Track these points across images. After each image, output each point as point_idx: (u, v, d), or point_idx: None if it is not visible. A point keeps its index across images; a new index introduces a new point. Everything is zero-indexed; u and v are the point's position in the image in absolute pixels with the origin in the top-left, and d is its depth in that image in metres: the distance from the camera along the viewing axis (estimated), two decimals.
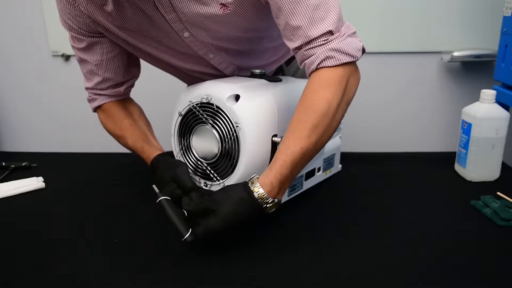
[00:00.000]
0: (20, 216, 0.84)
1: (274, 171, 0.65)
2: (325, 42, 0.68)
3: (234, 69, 0.90)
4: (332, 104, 0.67)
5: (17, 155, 1.21)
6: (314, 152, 0.68)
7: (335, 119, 0.68)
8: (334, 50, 0.67)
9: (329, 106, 0.67)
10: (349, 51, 0.68)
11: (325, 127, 0.67)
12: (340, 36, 0.68)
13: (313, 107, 0.67)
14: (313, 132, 0.66)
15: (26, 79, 1.66)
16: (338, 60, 0.67)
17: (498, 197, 0.85)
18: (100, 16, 0.77)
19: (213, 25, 0.76)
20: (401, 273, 0.64)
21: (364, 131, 1.57)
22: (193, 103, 0.76)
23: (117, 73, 0.88)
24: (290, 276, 0.64)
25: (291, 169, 0.66)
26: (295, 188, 0.84)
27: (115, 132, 0.90)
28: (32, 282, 0.64)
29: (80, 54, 0.86)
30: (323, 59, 0.68)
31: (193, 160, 0.78)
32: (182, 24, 0.75)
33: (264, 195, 0.64)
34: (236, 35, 0.79)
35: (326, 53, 0.67)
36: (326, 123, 0.67)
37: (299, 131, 0.66)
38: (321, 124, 0.66)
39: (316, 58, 0.68)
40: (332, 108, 0.67)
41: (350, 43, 0.68)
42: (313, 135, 0.66)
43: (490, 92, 0.92)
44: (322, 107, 0.66)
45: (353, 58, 0.68)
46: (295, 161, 0.65)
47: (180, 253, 0.70)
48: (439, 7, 1.43)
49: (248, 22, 0.77)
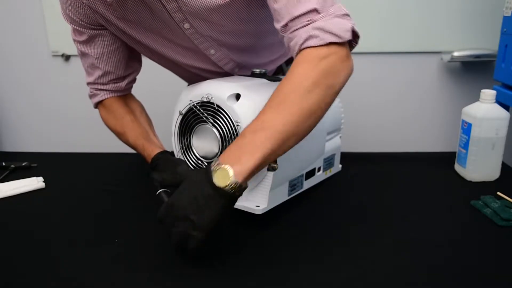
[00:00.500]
0: (20, 216, 0.84)
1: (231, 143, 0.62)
2: (309, 22, 0.63)
3: (234, 66, 0.90)
4: (305, 81, 0.61)
5: (17, 155, 1.21)
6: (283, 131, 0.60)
7: (308, 98, 0.60)
8: (318, 28, 0.62)
9: (299, 82, 0.61)
10: (335, 30, 0.62)
11: (293, 104, 0.60)
12: (326, 15, 0.63)
13: (283, 83, 0.62)
14: (277, 107, 0.61)
15: (26, 79, 1.67)
16: (321, 40, 0.62)
17: (498, 197, 0.85)
18: (101, 7, 0.77)
19: (214, 16, 0.75)
20: (401, 273, 0.64)
21: (364, 131, 1.57)
22: (194, 102, 0.76)
23: (118, 67, 0.88)
24: (290, 276, 0.64)
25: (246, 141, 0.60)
26: (295, 188, 0.84)
27: (115, 128, 0.90)
28: (32, 282, 0.63)
29: (81, 47, 0.86)
30: (306, 39, 0.63)
31: (193, 159, 0.79)
32: (183, 14, 0.75)
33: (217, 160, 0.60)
34: (237, 27, 0.79)
35: (309, 32, 0.63)
36: (295, 100, 0.60)
37: (265, 106, 0.62)
38: (288, 100, 0.60)
39: (299, 39, 0.64)
40: (304, 85, 0.60)
41: (337, 23, 0.63)
42: (276, 109, 0.60)
43: (490, 92, 0.93)
44: (293, 82, 0.61)
45: (340, 39, 0.63)
46: (251, 132, 0.60)
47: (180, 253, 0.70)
48: (439, 7, 1.44)
49: (248, 13, 0.76)
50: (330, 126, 0.93)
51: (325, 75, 0.62)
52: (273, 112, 0.61)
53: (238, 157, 0.59)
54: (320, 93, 0.62)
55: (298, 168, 0.83)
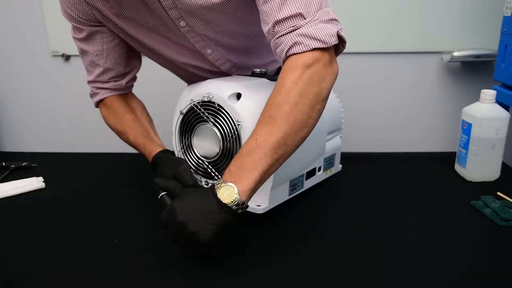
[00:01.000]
0: (20, 216, 0.84)
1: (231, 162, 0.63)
2: (294, 28, 0.64)
3: (231, 67, 0.90)
4: (291, 93, 0.62)
5: (17, 155, 1.21)
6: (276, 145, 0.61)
7: (296, 109, 0.62)
8: (303, 35, 0.63)
9: (287, 95, 0.62)
10: (319, 36, 0.62)
11: (283, 119, 0.61)
12: (312, 21, 0.63)
13: (272, 97, 0.63)
14: (269, 123, 0.62)
15: (26, 79, 1.67)
16: (306, 46, 0.62)
17: (498, 197, 0.85)
18: (98, 3, 0.77)
19: (209, 14, 0.75)
20: (401, 273, 0.64)
21: (364, 131, 1.57)
22: (194, 102, 0.76)
23: (118, 63, 0.88)
24: (289, 276, 0.64)
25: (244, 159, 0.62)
26: (296, 188, 0.84)
27: (116, 127, 0.90)
28: (32, 282, 0.64)
29: (80, 45, 0.86)
30: (291, 46, 0.63)
31: (194, 158, 0.79)
32: (178, 12, 0.75)
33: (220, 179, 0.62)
34: (233, 27, 0.79)
35: (294, 38, 0.63)
36: (284, 113, 0.61)
37: (258, 122, 0.64)
38: (278, 115, 0.62)
39: (285, 46, 0.64)
40: (291, 98, 0.61)
41: (322, 28, 0.63)
42: (268, 125, 0.62)
43: (490, 92, 0.93)
44: (279, 96, 0.62)
45: (324, 44, 0.62)
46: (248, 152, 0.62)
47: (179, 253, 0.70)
48: (439, 7, 1.44)
49: (244, 13, 0.76)
50: (331, 126, 0.93)
51: (311, 84, 0.63)
52: (265, 129, 0.62)
53: (239, 177, 0.61)
54: (308, 103, 0.63)
55: (298, 168, 0.83)
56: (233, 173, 0.62)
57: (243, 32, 0.82)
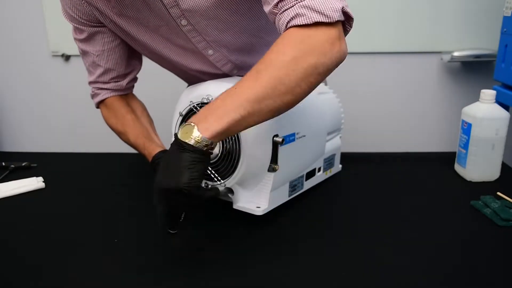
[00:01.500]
0: (20, 216, 0.84)
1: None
2: (297, 1, 0.62)
3: (232, 68, 0.90)
4: (284, 56, 0.59)
5: (17, 155, 1.21)
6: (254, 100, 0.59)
7: (287, 74, 0.59)
8: (305, 7, 0.60)
9: (278, 55, 0.60)
10: (323, 9, 0.60)
11: (270, 77, 0.59)
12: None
13: (264, 56, 0.61)
14: (253, 77, 0.60)
15: (26, 79, 1.67)
16: (308, 18, 0.60)
17: (498, 197, 0.85)
18: (100, 3, 0.77)
19: (212, 11, 0.75)
20: (401, 273, 0.64)
21: (364, 131, 1.57)
22: (194, 103, 0.76)
23: (119, 64, 0.88)
24: (289, 276, 0.64)
25: (217, 102, 0.60)
26: (296, 189, 0.84)
27: (117, 127, 0.90)
28: (32, 282, 0.64)
29: (81, 45, 0.87)
30: (292, 17, 0.61)
31: None
32: (180, 10, 0.75)
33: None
34: (237, 23, 0.79)
35: (296, 10, 0.61)
36: (273, 73, 0.59)
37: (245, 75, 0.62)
38: (265, 72, 0.60)
39: (286, 17, 0.62)
40: (283, 59, 0.59)
41: (326, 1, 0.60)
42: (252, 79, 0.60)
43: (490, 92, 0.93)
44: (270, 55, 0.61)
45: (327, 19, 0.60)
46: (223, 96, 0.60)
47: (180, 253, 0.71)
48: (439, 7, 1.44)
49: (247, 6, 0.76)
50: (330, 126, 0.93)
51: (308, 53, 0.60)
52: (248, 81, 0.60)
53: (205, 117, 0.59)
54: (300, 70, 0.60)
55: (298, 168, 0.83)
56: (200, 115, 0.60)
57: (247, 28, 0.81)
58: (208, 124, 0.58)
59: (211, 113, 0.59)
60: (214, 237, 0.75)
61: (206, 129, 0.58)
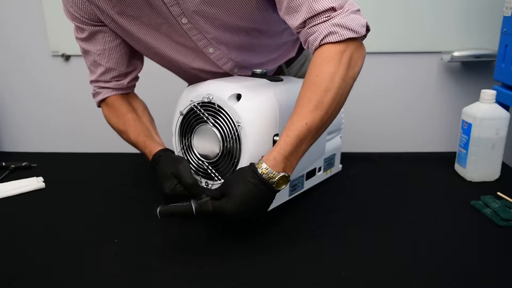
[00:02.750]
0: (20, 216, 0.84)
1: (277, 147, 0.66)
2: (328, 18, 0.68)
3: (233, 66, 0.90)
4: (335, 78, 0.67)
5: (17, 155, 1.21)
6: (321, 128, 0.68)
7: (339, 93, 0.68)
8: (337, 25, 0.67)
9: (332, 80, 0.67)
10: (353, 26, 0.67)
11: (330, 102, 0.67)
12: (343, 12, 0.68)
13: (317, 83, 0.67)
14: (318, 107, 0.66)
15: (26, 79, 1.67)
16: (341, 36, 0.67)
17: (498, 197, 0.85)
18: (101, 1, 0.78)
19: (210, 10, 0.76)
20: (401, 273, 0.64)
21: (364, 131, 1.57)
22: (194, 103, 0.76)
23: (120, 63, 0.88)
24: (289, 276, 0.64)
25: (296, 144, 0.66)
26: (296, 188, 0.84)
27: (118, 126, 0.90)
28: (32, 282, 0.64)
29: (83, 44, 0.87)
30: (326, 35, 0.68)
31: (194, 159, 0.78)
32: (180, 8, 0.76)
33: (268, 169, 0.64)
34: (234, 23, 0.79)
35: (329, 28, 0.68)
36: (331, 98, 0.67)
37: (304, 106, 0.67)
38: (325, 99, 0.66)
39: (319, 34, 0.68)
40: (336, 83, 0.67)
41: (354, 19, 0.68)
42: (317, 110, 0.66)
43: (490, 92, 0.93)
44: (326, 81, 0.67)
45: (357, 34, 0.68)
46: (300, 136, 0.66)
47: (180, 253, 0.71)
48: (439, 7, 1.44)
49: (246, 9, 0.77)
50: (331, 126, 0.92)
51: (348, 68, 0.68)
52: (315, 113, 0.67)
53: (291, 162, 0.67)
54: (348, 87, 0.69)
55: (298, 168, 0.83)
56: (285, 159, 0.66)
57: (244, 28, 0.82)
58: (293, 168, 0.68)
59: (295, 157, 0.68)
60: (214, 237, 0.75)
61: (292, 171, 0.68)
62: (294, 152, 0.66)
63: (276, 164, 0.65)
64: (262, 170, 0.64)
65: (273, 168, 0.65)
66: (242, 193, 0.64)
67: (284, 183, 0.66)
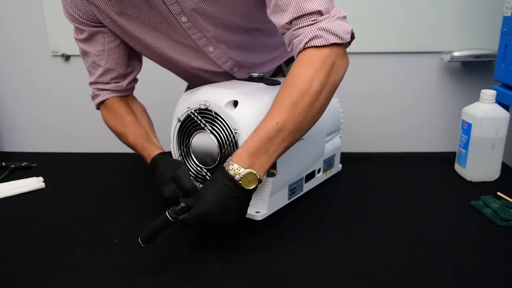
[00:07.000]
0: (20, 216, 0.84)
1: (244, 143, 0.65)
2: (313, 22, 0.67)
3: (232, 65, 0.90)
4: (314, 82, 0.66)
5: (17, 155, 1.21)
6: (295, 130, 0.66)
7: (317, 99, 0.66)
8: (323, 29, 0.67)
9: (310, 84, 0.66)
10: (338, 32, 0.67)
11: (305, 105, 0.65)
12: (329, 17, 0.68)
13: (294, 84, 0.66)
14: (291, 108, 0.65)
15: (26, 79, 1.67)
16: (325, 40, 0.66)
17: (498, 197, 0.85)
18: (100, 2, 0.78)
19: (209, 8, 0.76)
20: (401, 273, 0.64)
21: (364, 131, 1.57)
22: (192, 109, 0.75)
23: (119, 64, 0.88)
24: (289, 276, 0.64)
25: (265, 142, 0.64)
26: (295, 191, 0.84)
27: (116, 129, 0.90)
28: (32, 282, 0.64)
29: (82, 45, 0.87)
30: (311, 38, 0.67)
31: (193, 166, 0.78)
32: (179, 7, 0.76)
33: (233, 164, 0.63)
34: (234, 21, 0.79)
35: (314, 32, 0.67)
36: (307, 102, 0.65)
37: (277, 105, 0.66)
38: (300, 102, 0.65)
39: (304, 38, 0.68)
40: (314, 86, 0.66)
41: (339, 25, 0.68)
42: (290, 111, 0.65)
43: (490, 92, 0.93)
44: (303, 84, 0.66)
45: (341, 40, 0.67)
46: (269, 135, 0.64)
47: (179, 254, 0.70)
48: (439, 7, 1.44)
49: (244, 7, 0.77)
50: (330, 127, 0.92)
51: (330, 74, 0.67)
52: (287, 113, 0.65)
53: (259, 160, 0.64)
54: (327, 93, 0.68)
55: (297, 172, 0.83)
56: (252, 156, 0.64)
57: (243, 27, 0.82)
58: (263, 167, 0.65)
59: (263, 153, 0.65)
60: (214, 239, 0.75)
61: (262, 173, 0.65)
62: (262, 150, 0.64)
63: (241, 160, 0.63)
64: (228, 167, 0.63)
65: (238, 164, 0.63)
66: (212, 192, 0.63)
67: (252, 181, 0.63)
